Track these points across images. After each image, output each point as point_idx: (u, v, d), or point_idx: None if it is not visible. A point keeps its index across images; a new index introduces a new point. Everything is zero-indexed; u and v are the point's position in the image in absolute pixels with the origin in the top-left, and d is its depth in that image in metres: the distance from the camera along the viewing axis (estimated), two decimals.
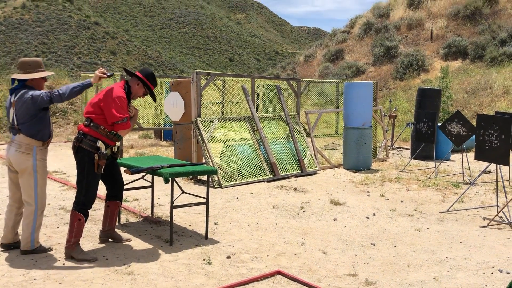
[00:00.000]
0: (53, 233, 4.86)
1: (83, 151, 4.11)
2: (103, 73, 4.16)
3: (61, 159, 9.57)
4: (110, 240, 4.63)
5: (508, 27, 19.54)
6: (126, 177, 5.93)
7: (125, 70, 4.72)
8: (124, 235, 4.79)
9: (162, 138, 13.59)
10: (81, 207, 4.16)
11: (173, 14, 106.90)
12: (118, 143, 4.46)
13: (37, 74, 4.12)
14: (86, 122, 4.17)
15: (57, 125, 14.52)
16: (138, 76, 4.35)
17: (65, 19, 68.06)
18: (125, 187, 5.34)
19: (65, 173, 8.24)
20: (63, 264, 4.03)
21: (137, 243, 4.63)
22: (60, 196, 6.54)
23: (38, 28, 64.81)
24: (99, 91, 4.46)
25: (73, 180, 7.59)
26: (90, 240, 4.68)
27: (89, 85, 4.12)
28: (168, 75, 17.46)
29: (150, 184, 5.56)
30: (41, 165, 4.14)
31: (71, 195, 6.64)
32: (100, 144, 4.12)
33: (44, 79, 4.21)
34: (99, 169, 4.13)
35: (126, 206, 5.92)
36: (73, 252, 4.11)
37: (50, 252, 4.26)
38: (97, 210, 5.84)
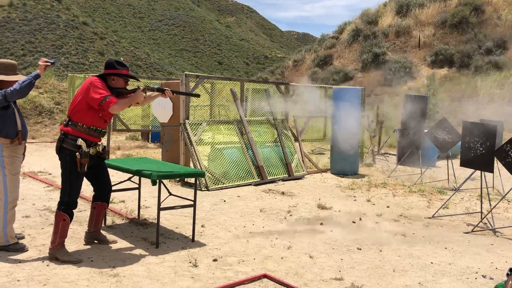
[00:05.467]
0: (38, 234, 4.80)
1: (64, 151, 4.07)
2: (46, 61, 4.18)
3: (46, 159, 9.46)
4: (95, 242, 4.58)
5: (494, 36, 19.88)
6: (113, 179, 5.89)
7: (100, 75, 4.47)
8: (110, 237, 4.74)
9: (150, 140, 13.52)
10: (66, 207, 4.11)
11: (162, 16, 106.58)
12: (101, 142, 4.39)
13: (12, 77, 4.19)
14: (65, 122, 4.18)
15: (43, 125, 14.36)
16: (109, 72, 4.32)
17: (53, 18, 67.45)
18: (112, 188, 5.31)
19: (50, 174, 8.14)
20: (47, 265, 3.98)
21: (123, 245, 4.60)
22: (45, 197, 6.47)
23: (25, 27, 64.13)
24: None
25: (59, 180, 7.51)
26: (75, 241, 4.63)
27: (37, 76, 4.16)
28: (157, 77, 17.39)
29: (137, 185, 5.53)
30: (10, 161, 4.16)
31: (56, 195, 6.56)
32: (80, 142, 4.06)
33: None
34: (81, 168, 4.06)
35: (113, 208, 5.87)
36: (58, 253, 4.06)
37: (34, 253, 4.21)
38: (83, 211, 5.78)
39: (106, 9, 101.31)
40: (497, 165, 6.70)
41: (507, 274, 2.08)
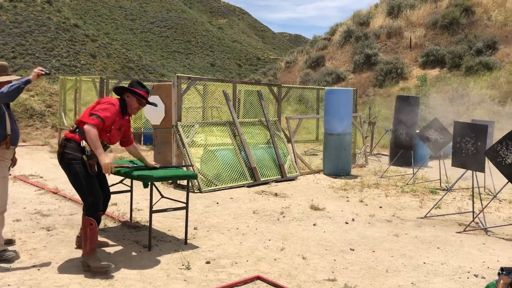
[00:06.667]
0: (28, 238, 4.75)
1: (67, 157, 3.96)
2: (42, 70, 4.15)
3: (37, 162, 9.38)
4: None
5: (484, 37, 20.03)
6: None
7: (115, 89, 4.50)
8: (101, 240, 4.71)
9: (142, 142, 13.46)
10: (92, 209, 3.99)
11: (154, 18, 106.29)
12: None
13: (3, 78, 4.13)
14: (72, 128, 4.10)
15: (34, 128, 14.25)
16: (127, 88, 4.31)
17: (43, 20, 67.01)
18: None
19: (41, 177, 8.08)
20: (38, 269, 3.94)
21: (115, 248, 4.57)
22: (36, 200, 6.41)
23: (16, 29, 63.64)
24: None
25: (50, 184, 7.48)
26: (66, 245, 4.59)
27: (28, 82, 4.10)
28: (149, 79, 17.35)
29: (129, 188, 5.50)
30: None
31: (48, 199, 6.52)
32: (85, 144, 3.97)
33: (9, 82, 4.20)
34: (92, 169, 3.98)
35: None
36: (90, 260, 3.91)
37: (25, 257, 4.17)
38: (74, 214, 5.74)
39: (97, 11, 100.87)
40: (489, 165, 6.75)
41: (499, 273, 2.09)
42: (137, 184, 5.75)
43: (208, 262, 4.28)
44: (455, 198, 7.47)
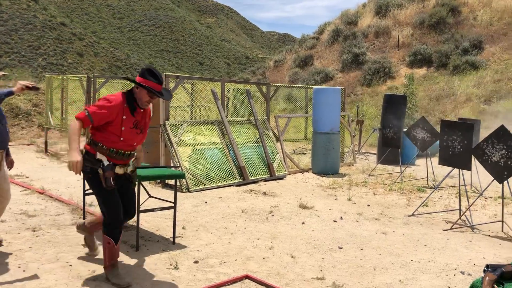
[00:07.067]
0: (14, 239, 4.69)
1: (85, 170, 3.64)
2: (29, 84, 4.04)
3: (23, 162, 9.26)
4: (82, 244, 4.44)
5: (470, 36, 20.24)
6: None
7: (124, 78, 4.13)
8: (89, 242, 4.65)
9: None
10: (108, 227, 3.72)
11: (142, 17, 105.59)
12: (131, 163, 3.87)
13: None
14: (87, 140, 3.81)
15: (20, 127, 14.07)
16: (135, 80, 3.77)
17: (29, 18, 66.21)
18: (90, 191, 5.22)
19: (27, 177, 7.98)
20: (24, 271, 3.89)
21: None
22: (22, 201, 6.33)
23: (1, 27, 62.80)
24: None
25: (36, 184, 7.39)
26: (53, 245, 4.54)
27: (10, 93, 4.06)
28: None
29: None
30: None
31: (33, 199, 6.44)
32: (100, 155, 3.64)
33: None
34: (107, 183, 3.58)
35: (92, 211, 5.78)
36: (109, 274, 3.77)
37: (10, 259, 4.11)
38: (61, 215, 5.68)
39: (84, 9, 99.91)
40: (475, 163, 6.82)
41: (484, 270, 2.11)
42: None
43: (196, 262, 4.27)
44: (442, 196, 7.54)
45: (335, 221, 5.87)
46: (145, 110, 3.84)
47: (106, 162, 3.61)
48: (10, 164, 4.39)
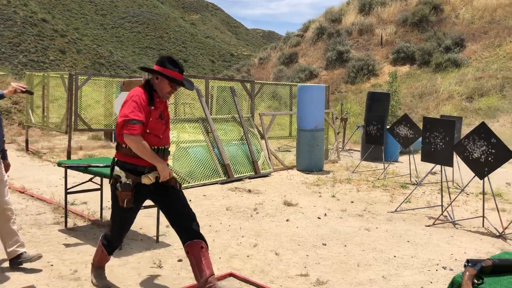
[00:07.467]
0: None
1: (111, 179, 3.44)
2: (21, 87, 3.94)
3: None
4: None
5: (452, 34, 20.49)
6: (74, 180, 5.73)
7: (142, 69, 3.94)
8: (71, 240, 4.59)
9: (113, 139, 13.23)
10: (106, 242, 3.60)
11: (125, 13, 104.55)
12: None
13: None
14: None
15: None
16: (154, 69, 3.45)
17: (9, 14, 65.04)
18: (73, 189, 5.16)
19: (8, 176, 7.82)
20: (4, 272, 3.82)
21: (85, 248, 4.47)
22: None
23: None
24: None
25: (16, 183, 7.26)
26: (33, 245, 4.47)
27: (1, 96, 3.96)
28: (120, 75, 17.03)
29: (99, 186, 5.39)
30: None
31: (14, 199, 6.32)
32: (118, 171, 3.35)
33: None
34: (122, 203, 3.31)
35: (74, 210, 5.71)
36: (94, 272, 3.67)
37: None
38: (42, 214, 5.60)
39: (66, 5, 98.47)
40: (457, 159, 6.91)
41: (465, 265, 2.13)
42: (108, 183, 5.65)
43: (180, 260, 4.24)
44: (424, 192, 7.63)
45: (319, 218, 5.90)
46: (165, 102, 3.60)
47: (124, 179, 3.32)
48: (7, 168, 4.30)
